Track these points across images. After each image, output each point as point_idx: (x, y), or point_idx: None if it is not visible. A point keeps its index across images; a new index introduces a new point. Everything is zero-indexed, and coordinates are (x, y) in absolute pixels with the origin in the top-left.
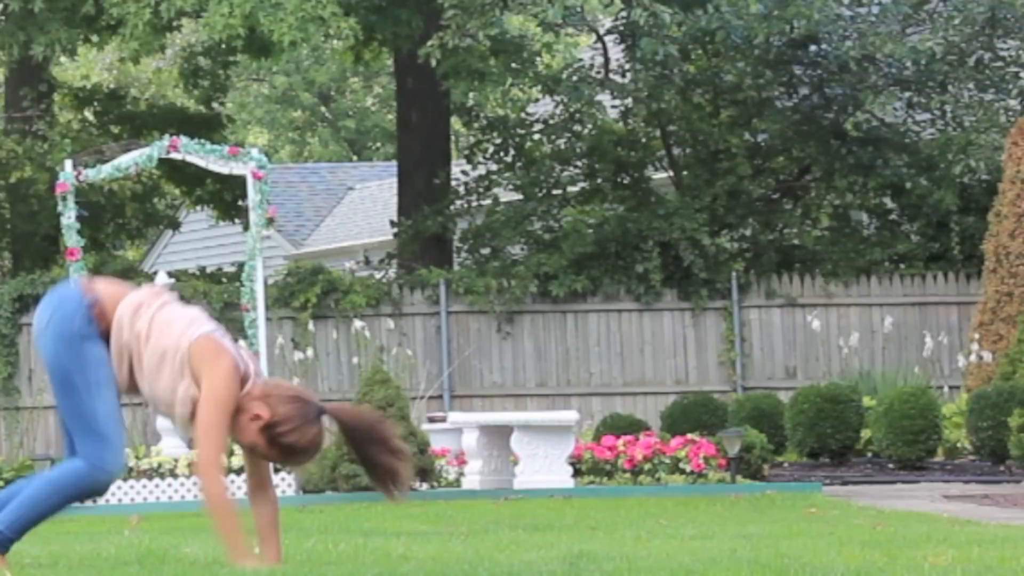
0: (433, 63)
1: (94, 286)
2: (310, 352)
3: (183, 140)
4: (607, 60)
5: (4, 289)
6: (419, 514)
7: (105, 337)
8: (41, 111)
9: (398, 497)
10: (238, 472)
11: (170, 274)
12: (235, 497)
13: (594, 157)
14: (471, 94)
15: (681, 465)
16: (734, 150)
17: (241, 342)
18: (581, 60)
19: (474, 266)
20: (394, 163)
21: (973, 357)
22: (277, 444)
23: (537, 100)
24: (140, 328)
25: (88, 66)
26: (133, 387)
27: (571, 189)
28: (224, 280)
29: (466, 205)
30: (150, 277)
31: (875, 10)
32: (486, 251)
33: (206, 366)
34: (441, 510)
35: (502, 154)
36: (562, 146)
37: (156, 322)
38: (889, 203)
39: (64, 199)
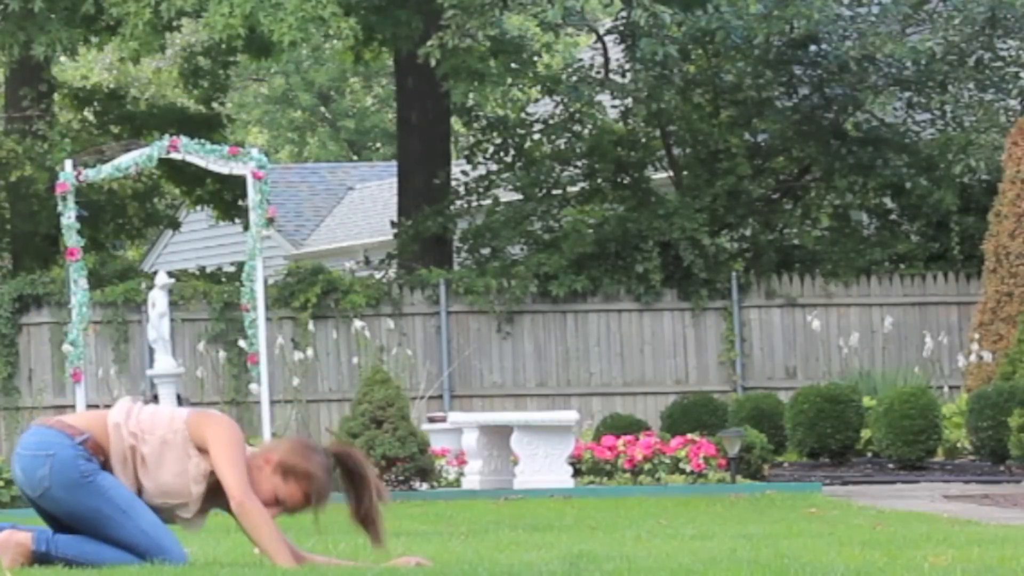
0: (433, 63)
1: (71, 424)
2: (310, 352)
3: (183, 140)
4: (607, 60)
5: (4, 289)
6: (419, 514)
7: (103, 465)
8: (41, 111)
9: (374, 543)
10: None
11: (170, 274)
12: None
13: (594, 157)
14: (471, 94)
15: (681, 465)
16: (734, 150)
17: None
18: (581, 60)
19: (474, 266)
20: (394, 163)
21: (973, 357)
22: (294, 476)
23: (537, 100)
24: (134, 429)
25: (88, 66)
26: (139, 491)
27: (571, 189)
28: (224, 280)
29: (466, 205)
30: (150, 277)
31: (875, 10)
32: (486, 251)
33: (207, 428)
34: (441, 510)
35: (502, 154)
36: (562, 146)
37: (144, 419)
38: (889, 203)
39: (64, 199)
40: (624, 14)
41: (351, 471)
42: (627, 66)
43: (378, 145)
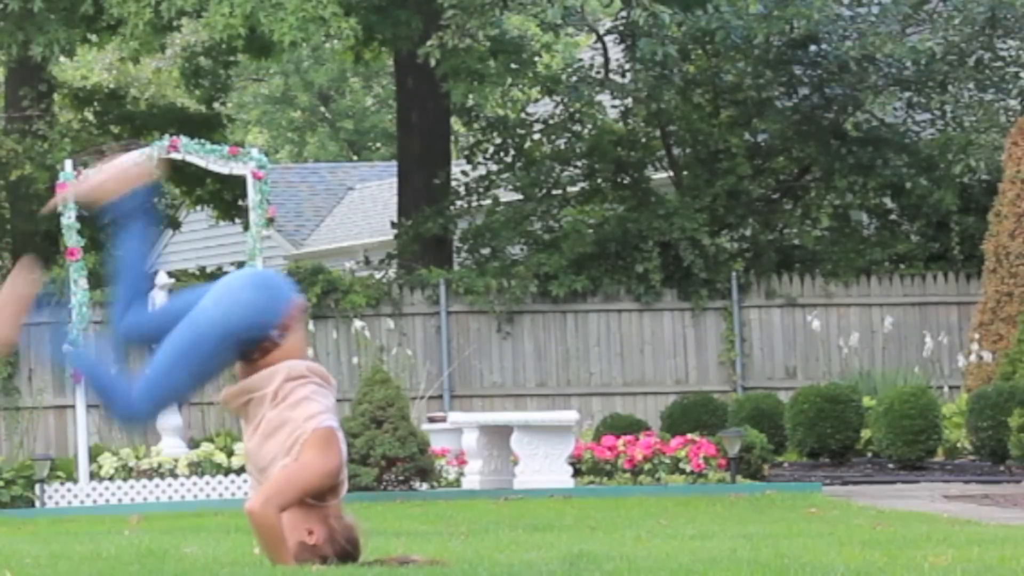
0: (432, 63)
1: (294, 318)
2: (310, 352)
3: (183, 140)
4: (607, 60)
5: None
6: (419, 514)
7: (241, 355)
8: (41, 111)
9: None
10: (238, 472)
11: (170, 274)
12: (281, 524)
13: (594, 157)
14: (471, 95)
15: (681, 465)
16: (734, 150)
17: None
18: (581, 60)
19: (474, 266)
20: (394, 163)
21: (973, 357)
22: (295, 552)
23: (537, 100)
24: (284, 392)
25: (88, 66)
26: (228, 404)
27: (571, 189)
28: None
29: (466, 205)
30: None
31: (875, 10)
32: (486, 251)
33: (316, 451)
34: (441, 510)
35: (502, 154)
36: (562, 146)
37: (296, 394)
38: (889, 203)
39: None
40: (624, 14)
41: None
42: (627, 66)
43: (378, 145)
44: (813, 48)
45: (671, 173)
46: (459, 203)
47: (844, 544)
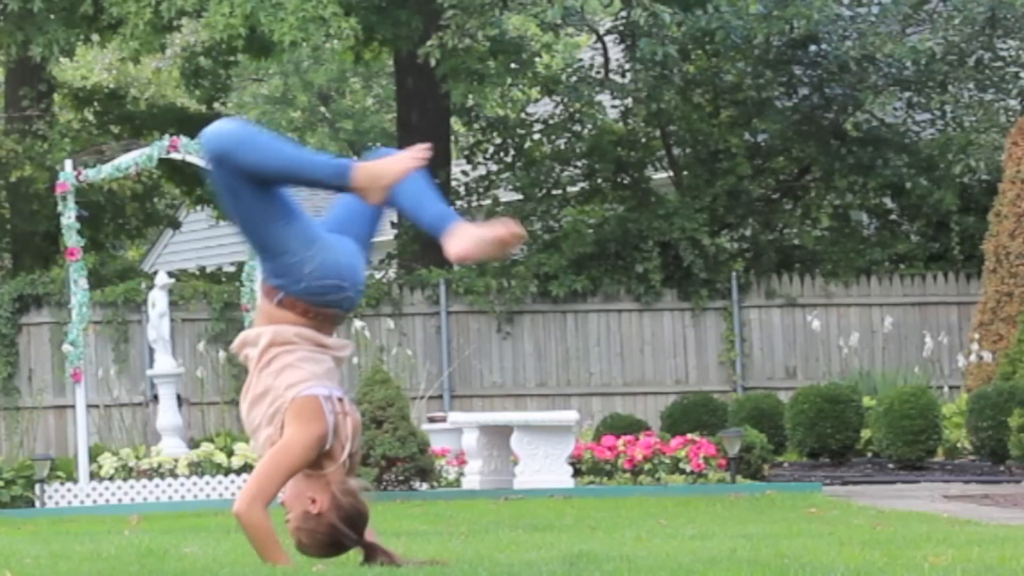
0: (432, 63)
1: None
2: None
3: (183, 140)
4: (607, 60)
5: (4, 289)
6: (419, 514)
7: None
8: (41, 111)
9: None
10: (238, 472)
11: (170, 274)
12: (271, 522)
13: (594, 157)
14: (471, 95)
15: (681, 465)
16: (734, 150)
17: (348, 401)
18: (581, 60)
19: (474, 266)
20: None
21: (973, 357)
22: (299, 523)
23: (537, 100)
24: (265, 356)
25: (88, 66)
26: (237, 355)
27: (571, 189)
28: (224, 280)
29: (466, 205)
30: (150, 277)
31: (875, 10)
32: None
33: (296, 425)
34: (441, 510)
35: (502, 154)
36: (562, 146)
37: (280, 361)
38: (889, 203)
39: (64, 199)
40: (624, 14)
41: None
42: (627, 66)
43: (378, 145)
44: (813, 48)
45: (671, 173)
46: (459, 203)
47: (844, 544)
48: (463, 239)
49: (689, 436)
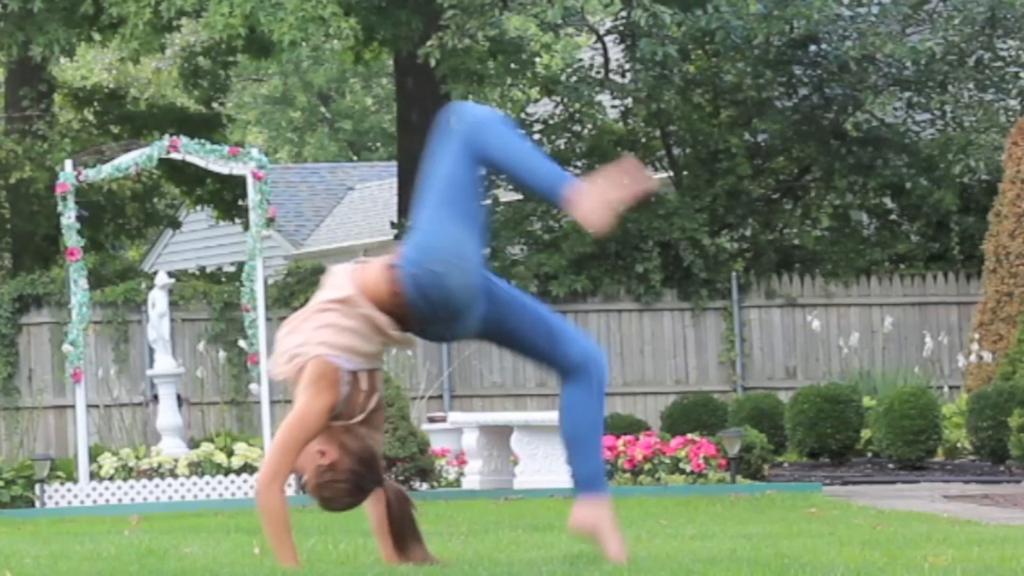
0: (432, 63)
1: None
2: None
3: (183, 140)
4: (607, 60)
5: (4, 289)
6: (419, 514)
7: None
8: (41, 111)
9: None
10: (238, 472)
11: (170, 274)
12: (286, 508)
13: (594, 157)
14: (470, 96)
15: (681, 465)
16: (734, 150)
17: (378, 377)
18: (581, 60)
19: None
20: (394, 163)
21: (973, 357)
22: (316, 479)
23: (537, 100)
24: (316, 304)
25: (88, 66)
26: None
27: None
28: (224, 280)
29: None
30: (150, 277)
31: (875, 10)
32: (486, 251)
33: (310, 391)
34: (441, 510)
35: None
36: (562, 146)
37: (325, 318)
38: (889, 203)
39: (64, 199)
40: (624, 14)
41: (393, 513)
42: (627, 66)
43: (378, 145)
44: (813, 48)
45: (671, 173)
46: None
47: (844, 544)
48: (593, 208)
49: (689, 436)
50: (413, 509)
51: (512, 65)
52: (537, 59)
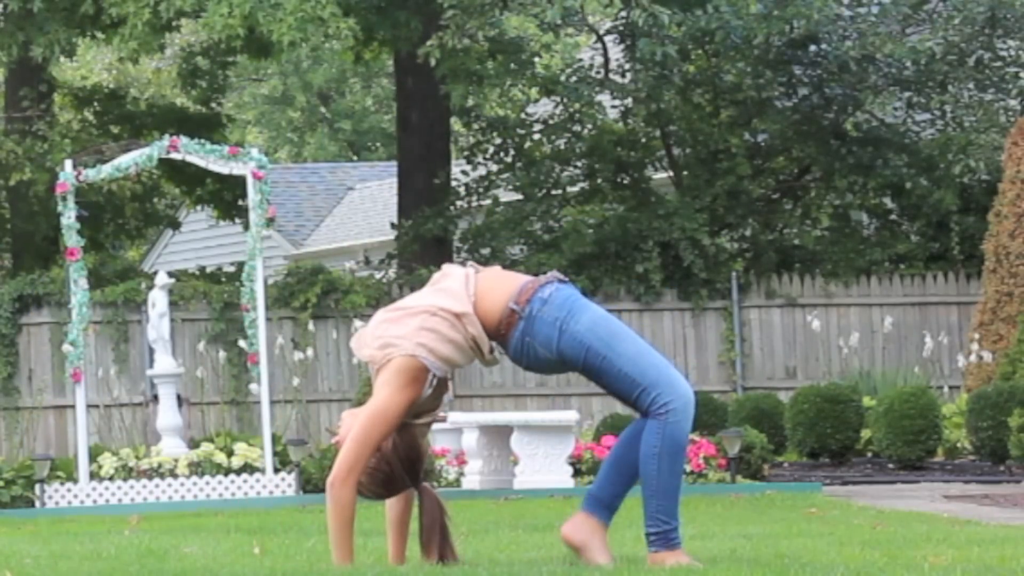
0: (432, 63)
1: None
2: (310, 352)
3: (183, 140)
4: (607, 60)
5: (4, 289)
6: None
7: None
8: (41, 111)
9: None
10: (238, 472)
11: (170, 274)
12: (355, 505)
13: (594, 157)
14: (470, 96)
15: None
16: (734, 150)
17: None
18: (581, 60)
19: None
20: (394, 163)
21: (973, 357)
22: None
23: (537, 100)
24: (437, 313)
25: (88, 66)
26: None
27: (571, 189)
28: (224, 280)
29: (466, 206)
30: (150, 277)
31: (875, 10)
32: (486, 251)
33: (395, 384)
34: None
35: (502, 154)
36: (562, 146)
37: (437, 323)
38: (889, 203)
39: (64, 199)
40: (624, 14)
41: (426, 513)
42: (627, 66)
43: (378, 145)
44: (813, 48)
45: (671, 173)
46: (459, 203)
47: (844, 544)
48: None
49: (689, 436)
50: (447, 518)
51: (512, 65)
52: (537, 59)
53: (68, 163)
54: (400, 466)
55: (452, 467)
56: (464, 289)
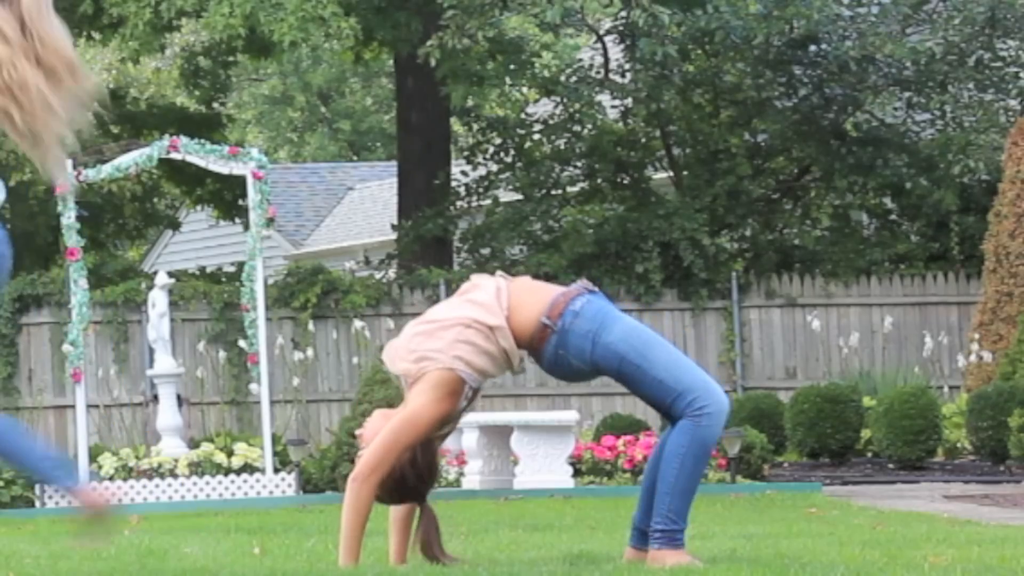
0: (432, 63)
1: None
2: (310, 352)
3: (183, 140)
4: (607, 60)
5: (4, 289)
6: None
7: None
8: None
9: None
10: (238, 472)
11: (170, 274)
12: (371, 506)
13: (594, 157)
14: (470, 96)
15: None
16: (734, 150)
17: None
18: (581, 60)
19: (474, 266)
20: (394, 163)
21: (973, 357)
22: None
23: (537, 101)
24: (472, 325)
25: (88, 66)
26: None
27: (571, 189)
28: (224, 280)
29: (466, 206)
30: (150, 277)
31: (875, 10)
32: (486, 251)
33: (430, 395)
34: (441, 510)
35: (502, 154)
36: (562, 146)
37: (472, 335)
38: (889, 203)
39: (64, 199)
40: (623, 14)
41: (424, 528)
42: (627, 66)
43: (378, 145)
44: (813, 48)
45: (671, 173)
46: (459, 203)
47: (844, 544)
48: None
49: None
50: (438, 534)
51: (512, 66)
52: (536, 59)
53: (68, 163)
54: (412, 477)
55: (452, 467)
56: (497, 302)
